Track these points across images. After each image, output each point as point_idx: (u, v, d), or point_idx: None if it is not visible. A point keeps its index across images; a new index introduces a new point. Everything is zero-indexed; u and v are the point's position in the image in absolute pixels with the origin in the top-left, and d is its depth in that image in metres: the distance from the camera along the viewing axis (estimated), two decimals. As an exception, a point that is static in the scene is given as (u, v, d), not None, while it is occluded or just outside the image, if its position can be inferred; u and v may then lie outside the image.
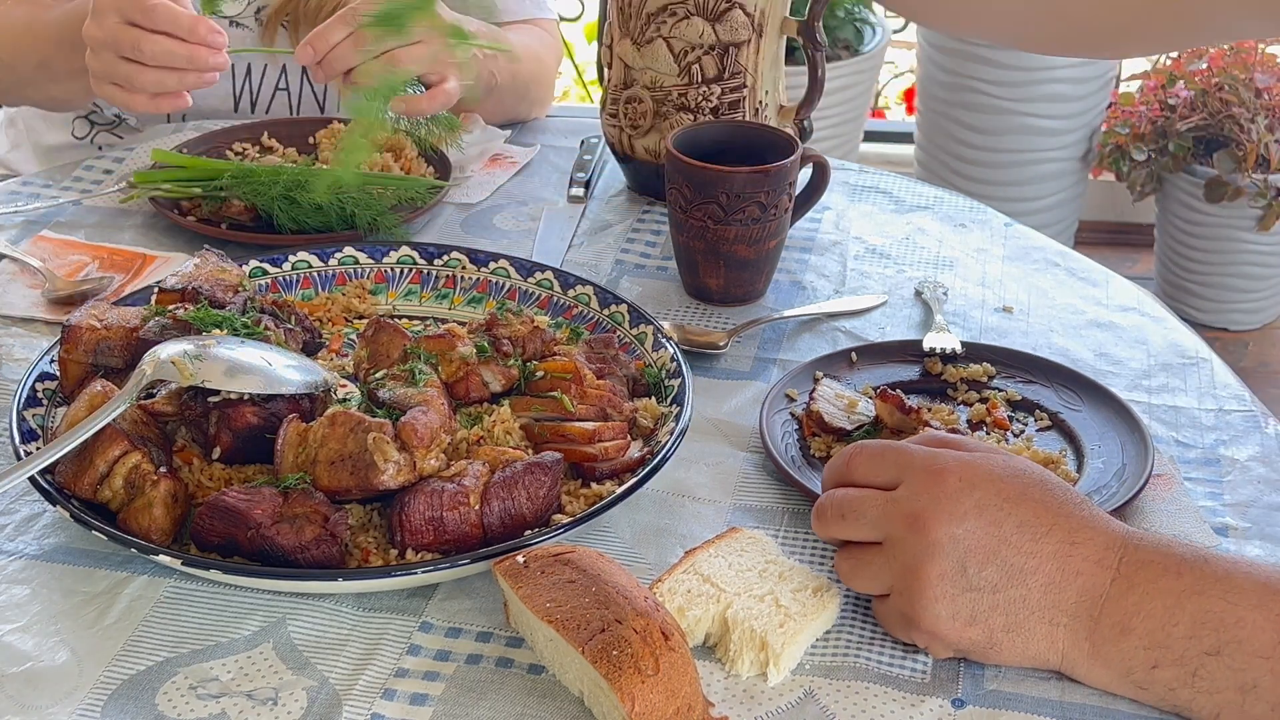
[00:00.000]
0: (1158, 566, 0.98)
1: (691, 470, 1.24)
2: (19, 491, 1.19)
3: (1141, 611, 0.97)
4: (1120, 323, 1.47)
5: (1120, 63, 3.59)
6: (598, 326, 1.37)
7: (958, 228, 1.66)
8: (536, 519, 1.11)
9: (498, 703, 1.00)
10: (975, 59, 3.47)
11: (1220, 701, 0.96)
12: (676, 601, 1.05)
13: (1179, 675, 0.97)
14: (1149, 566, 0.98)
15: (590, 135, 1.82)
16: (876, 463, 1.05)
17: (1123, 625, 0.98)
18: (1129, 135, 3.42)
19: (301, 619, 1.07)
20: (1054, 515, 1.00)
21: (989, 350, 1.37)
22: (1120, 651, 0.98)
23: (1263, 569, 0.98)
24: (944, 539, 0.99)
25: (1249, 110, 3.25)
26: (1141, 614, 0.97)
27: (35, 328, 1.43)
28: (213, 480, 1.15)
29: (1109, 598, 0.98)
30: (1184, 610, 0.96)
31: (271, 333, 1.24)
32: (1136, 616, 0.97)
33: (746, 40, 1.58)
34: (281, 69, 1.90)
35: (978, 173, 3.59)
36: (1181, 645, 0.96)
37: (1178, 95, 3.35)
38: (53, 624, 1.07)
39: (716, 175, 1.41)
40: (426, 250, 1.46)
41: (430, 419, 1.11)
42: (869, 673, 1.03)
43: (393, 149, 1.70)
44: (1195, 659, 0.96)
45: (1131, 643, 0.97)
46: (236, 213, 1.58)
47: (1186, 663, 0.96)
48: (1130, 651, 0.98)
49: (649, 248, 1.60)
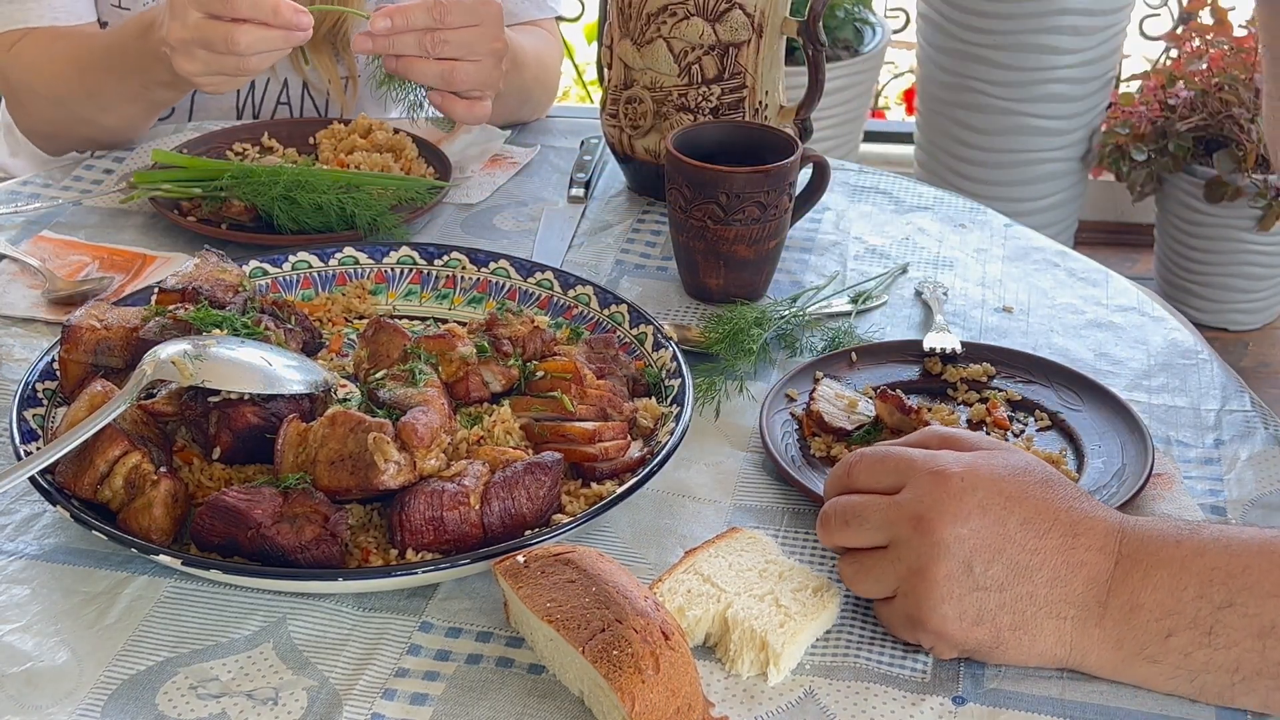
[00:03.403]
0: (1156, 541, 1.00)
1: (691, 470, 1.24)
2: (19, 491, 1.19)
3: (1149, 584, 0.99)
4: (1120, 323, 1.47)
5: (1120, 62, 3.59)
6: (598, 326, 1.37)
7: (958, 228, 1.66)
8: (536, 519, 1.11)
9: (498, 703, 1.00)
10: (975, 59, 3.47)
11: (1238, 655, 0.97)
12: (676, 601, 1.05)
13: (1194, 637, 0.98)
14: (1149, 543, 1.00)
15: (590, 135, 1.82)
16: (878, 468, 1.05)
17: (1132, 603, 0.99)
18: (1129, 135, 3.42)
19: (302, 619, 1.07)
20: (1055, 511, 1.01)
21: (989, 350, 1.37)
22: (1132, 629, 0.99)
23: (1252, 528, 1.02)
24: (949, 539, 0.99)
25: (1249, 110, 3.25)
26: (1149, 587, 0.99)
27: (35, 328, 1.43)
28: (213, 480, 1.15)
29: (1114, 580, 1.00)
30: (1190, 572, 0.98)
31: (271, 333, 1.24)
32: (1144, 590, 0.99)
33: (746, 40, 1.58)
34: (284, 83, 1.90)
35: (978, 173, 3.59)
36: (1194, 606, 0.98)
37: (1178, 95, 3.35)
38: (53, 624, 1.07)
39: (716, 175, 1.41)
40: (426, 250, 1.46)
41: (430, 419, 1.11)
42: (869, 672, 1.03)
43: (393, 149, 1.71)
44: (1209, 616, 0.98)
45: (1143, 617, 0.99)
46: (236, 213, 1.58)
47: (1200, 622, 0.98)
48: (1142, 626, 0.99)
49: (649, 248, 1.60)
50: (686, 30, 1.57)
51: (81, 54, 1.74)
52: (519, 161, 1.78)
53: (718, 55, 1.58)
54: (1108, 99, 3.57)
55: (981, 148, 3.57)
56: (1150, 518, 1.03)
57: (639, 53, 1.60)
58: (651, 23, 1.58)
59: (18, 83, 1.80)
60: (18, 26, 1.78)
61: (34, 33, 1.78)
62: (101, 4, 1.83)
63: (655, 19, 1.57)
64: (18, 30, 1.78)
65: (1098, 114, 3.56)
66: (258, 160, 1.69)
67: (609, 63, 1.66)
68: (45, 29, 1.78)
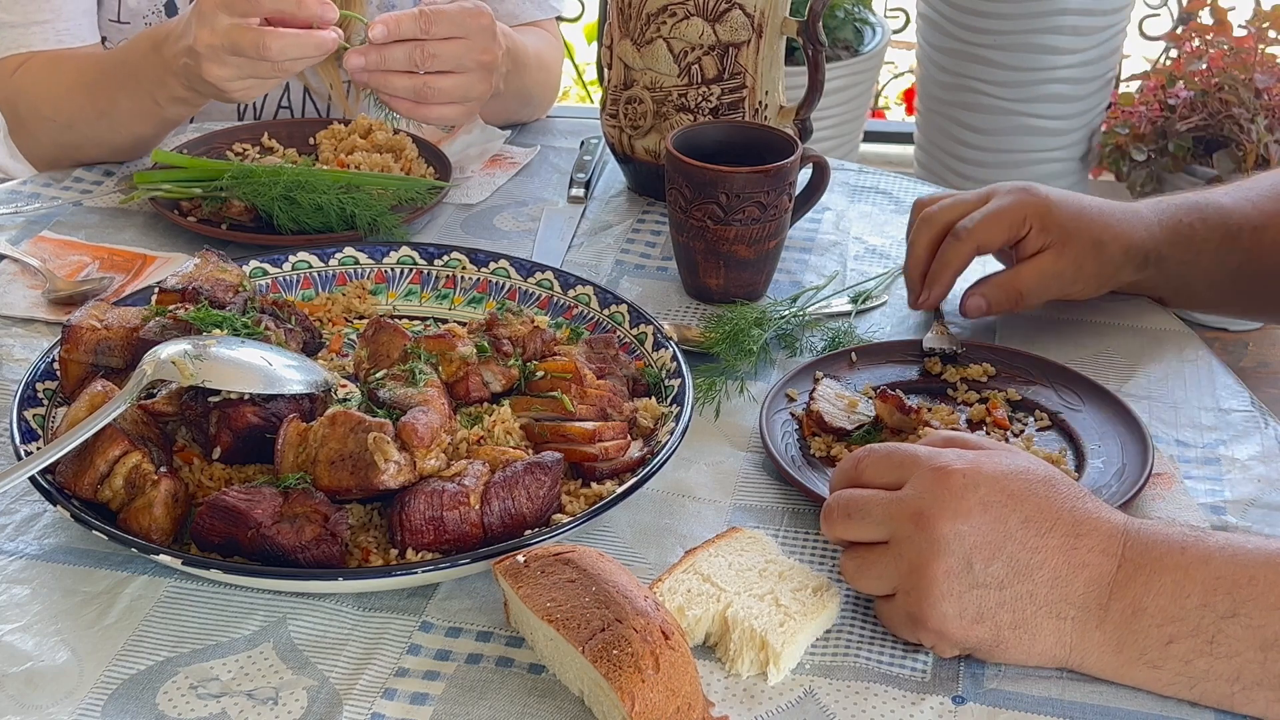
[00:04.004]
0: (1161, 546, 1.00)
1: (691, 470, 1.24)
2: (19, 491, 1.19)
3: (1152, 590, 0.98)
4: (1120, 323, 1.47)
5: (1120, 63, 3.59)
6: (598, 326, 1.37)
7: (958, 228, 1.65)
8: (536, 519, 1.11)
9: (498, 702, 1.00)
10: (975, 59, 3.47)
11: (1239, 664, 0.97)
12: (676, 601, 1.05)
13: (1196, 645, 0.98)
14: (1152, 548, 1.00)
15: (590, 135, 1.82)
16: (883, 465, 1.06)
17: (1134, 607, 0.99)
18: (1129, 135, 3.42)
19: (302, 619, 1.07)
20: (1057, 510, 1.01)
21: (989, 350, 1.37)
22: (1134, 633, 0.99)
23: (1259, 537, 1.02)
24: (949, 535, 0.99)
25: (1249, 110, 3.25)
26: (1152, 592, 0.98)
27: (35, 328, 1.43)
28: (213, 480, 1.15)
29: (1116, 583, 0.99)
30: (1194, 580, 0.98)
31: (271, 333, 1.24)
32: (1147, 595, 0.98)
33: (746, 40, 1.58)
34: (285, 87, 1.90)
35: (978, 173, 3.59)
36: (1196, 615, 0.98)
37: (1178, 95, 3.35)
38: (53, 624, 1.07)
39: (716, 175, 1.41)
40: (426, 250, 1.46)
41: (430, 419, 1.11)
42: (869, 672, 1.03)
43: (393, 149, 1.71)
44: (1212, 625, 0.97)
45: (1144, 622, 0.99)
46: (237, 213, 1.58)
47: (1203, 631, 0.97)
48: (1144, 631, 0.99)
49: (649, 248, 1.60)
50: (686, 30, 1.57)
51: (90, 74, 1.71)
52: (519, 162, 1.78)
53: (718, 55, 1.58)
54: (1108, 99, 3.57)
55: (981, 148, 3.57)
56: (1155, 521, 1.03)
57: (639, 53, 1.60)
58: (651, 23, 1.58)
59: (24, 108, 1.77)
60: (20, 51, 1.75)
61: (37, 56, 1.75)
62: (101, 21, 1.82)
63: (655, 19, 1.57)
64: (20, 55, 1.75)
65: (1098, 114, 3.56)
66: (258, 160, 1.69)
67: (609, 63, 1.66)
68: (49, 52, 1.75)
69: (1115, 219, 1.39)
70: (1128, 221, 1.40)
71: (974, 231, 1.38)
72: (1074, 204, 1.39)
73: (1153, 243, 1.40)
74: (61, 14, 1.75)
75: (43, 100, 1.74)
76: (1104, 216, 1.39)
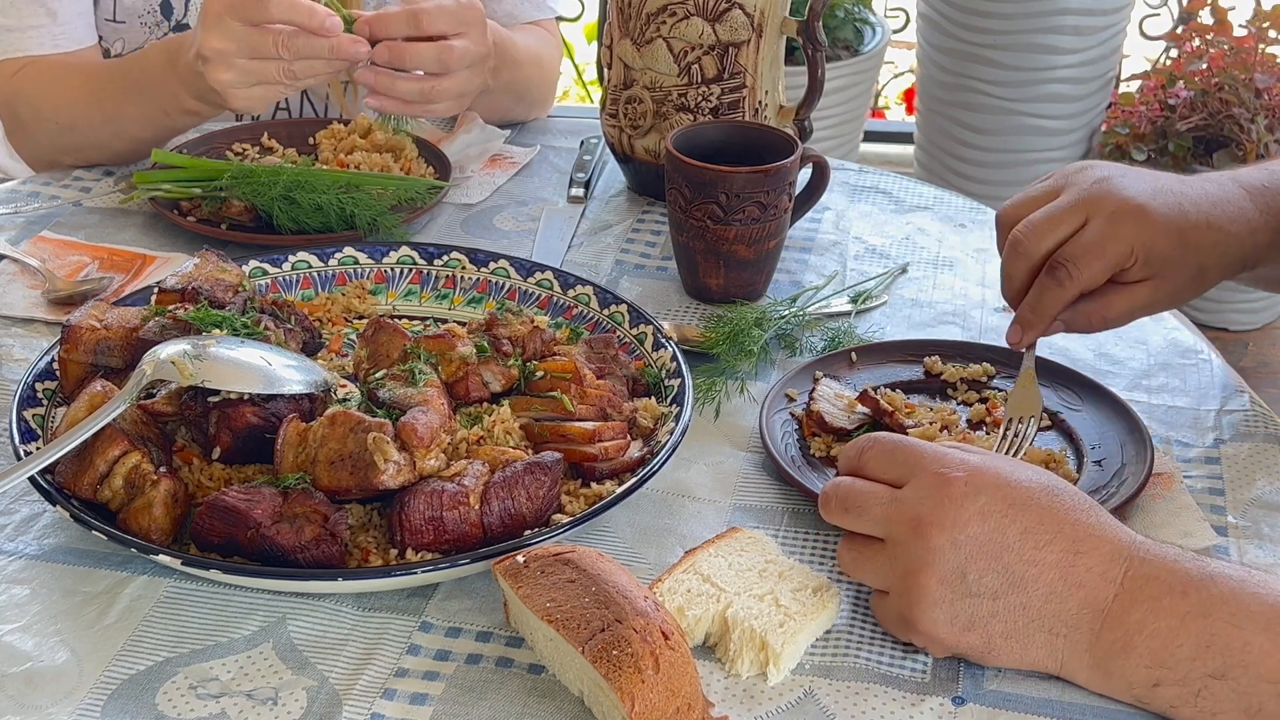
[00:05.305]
0: (1162, 583, 0.97)
1: (691, 470, 1.24)
2: (19, 491, 1.19)
3: (1145, 630, 0.97)
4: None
5: (1120, 62, 3.59)
6: (598, 326, 1.37)
7: (958, 228, 1.66)
8: (536, 519, 1.11)
9: (498, 702, 1.00)
10: (975, 59, 3.47)
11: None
12: (676, 601, 1.05)
13: (1181, 694, 0.96)
14: (1153, 583, 0.97)
15: (590, 135, 1.82)
16: (887, 459, 1.04)
17: (1124, 643, 0.97)
18: (1129, 135, 3.42)
19: (301, 619, 1.07)
20: (1059, 523, 0.99)
21: (989, 350, 1.37)
22: (1121, 668, 0.98)
23: (1271, 589, 0.97)
24: (945, 545, 0.99)
25: (1249, 110, 3.25)
26: (1145, 633, 0.97)
27: (35, 328, 1.43)
28: (213, 480, 1.15)
29: (1111, 613, 0.98)
30: (1188, 632, 0.96)
31: (271, 333, 1.24)
32: (1139, 635, 0.97)
33: (746, 40, 1.58)
34: None
35: (978, 173, 3.59)
36: (1185, 666, 0.96)
37: (1178, 95, 3.35)
38: (53, 624, 1.07)
39: (716, 175, 1.41)
40: (426, 250, 1.46)
41: (430, 419, 1.11)
42: (869, 672, 1.03)
43: (393, 149, 1.71)
44: (1199, 680, 0.95)
45: (1133, 660, 0.97)
46: (236, 213, 1.58)
47: (1189, 683, 0.96)
48: (1132, 669, 0.97)
49: (649, 248, 1.60)
50: (686, 30, 1.57)
51: (97, 80, 1.72)
52: (519, 161, 1.78)
53: (717, 55, 1.58)
54: (1108, 99, 3.57)
55: (981, 148, 3.57)
56: (1163, 550, 0.99)
57: (639, 53, 1.60)
58: (651, 23, 1.58)
59: (23, 110, 1.77)
60: (18, 55, 1.75)
61: (42, 60, 1.75)
62: (97, 20, 1.82)
63: (655, 19, 1.57)
64: (19, 58, 1.75)
65: (1098, 114, 3.56)
66: (258, 160, 1.69)
67: (609, 63, 1.66)
68: (54, 57, 1.75)
69: (1221, 231, 1.25)
70: (1232, 231, 1.26)
71: (1077, 278, 1.23)
72: (1177, 222, 1.23)
73: (1253, 246, 1.27)
74: (58, 17, 1.76)
75: (45, 103, 1.74)
76: (1211, 231, 1.24)
